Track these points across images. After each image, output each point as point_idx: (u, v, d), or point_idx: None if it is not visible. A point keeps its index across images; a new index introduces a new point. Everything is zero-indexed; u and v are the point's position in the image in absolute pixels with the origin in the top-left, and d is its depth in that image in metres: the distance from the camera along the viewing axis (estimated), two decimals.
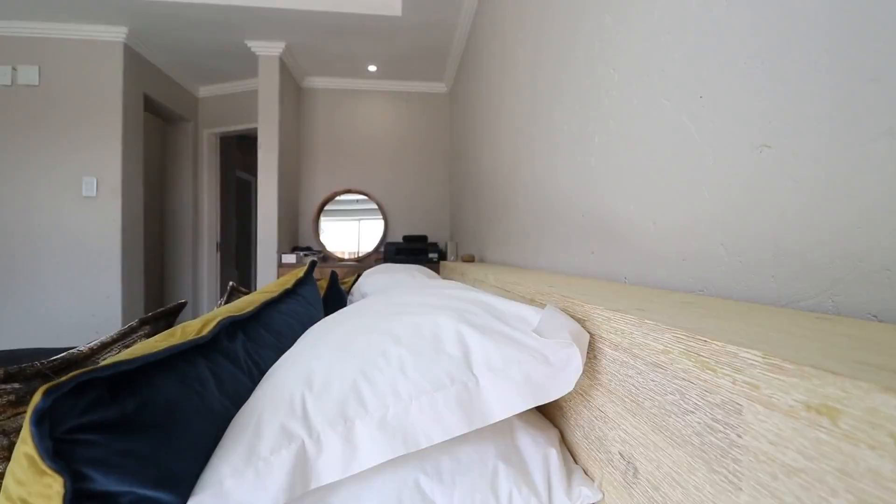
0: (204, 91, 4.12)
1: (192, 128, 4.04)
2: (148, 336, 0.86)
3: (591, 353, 0.49)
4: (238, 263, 5.25)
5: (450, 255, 3.48)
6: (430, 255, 3.55)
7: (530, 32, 1.54)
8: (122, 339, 0.79)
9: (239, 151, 5.12)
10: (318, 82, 3.90)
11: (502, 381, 0.46)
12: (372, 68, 3.71)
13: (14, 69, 2.92)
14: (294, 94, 3.70)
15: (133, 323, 0.84)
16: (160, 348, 0.46)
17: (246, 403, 0.47)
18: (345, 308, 0.77)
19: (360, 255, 3.96)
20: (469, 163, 2.95)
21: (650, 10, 0.79)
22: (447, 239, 3.98)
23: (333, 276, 1.29)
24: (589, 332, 0.50)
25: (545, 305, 0.57)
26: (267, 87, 3.26)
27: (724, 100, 0.61)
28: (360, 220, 4.02)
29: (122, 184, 2.99)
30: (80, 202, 2.95)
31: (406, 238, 3.77)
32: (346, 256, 3.96)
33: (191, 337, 0.53)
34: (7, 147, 2.91)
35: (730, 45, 0.60)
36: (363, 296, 1.42)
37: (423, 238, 3.78)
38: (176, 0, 2.72)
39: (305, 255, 3.55)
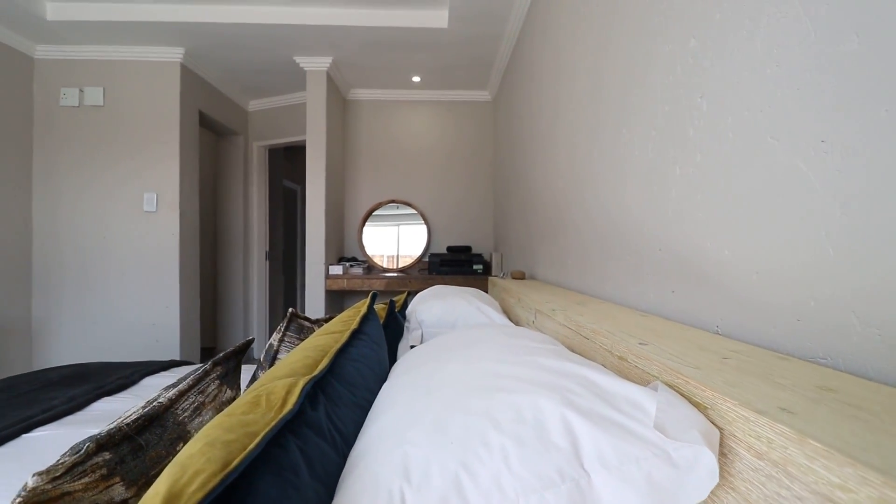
0: (253, 105, 4.24)
1: (242, 141, 4.17)
2: (221, 378, 0.86)
3: (721, 450, 0.44)
4: (284, 270, 5.38)
5: (494, 268, 3.44)
6: (475, 267, 3.51)
7: (591, 47, 1.48)
8: (198, 384, 0.79)
9: (286, 160, 5.26)
10: (363, 94, 3.94)
11: (619, 480, 0.41)
12: (416, 79, 3.71)
13: (81, 91, 3.10)
14: (339, 106, 3.75)
15: (206, 366, 0.85)
16: (256, 433, 0.44)
17: (341, 493, 0.45)
18: (421, 359, 0.74)
19: (405, 265, 3.97)
20: (516, 173, 2.89)
21: (750, 37, 0.72)
22: (491, 249, 3.93)
23: (391, 305, 1.27)
24: (717, 427, 0.44)
25: (653, 382, 0.52)
26: (314, 102, 3.32)
27: (858, 150, 0.53)
28: (402, 229, 4.02)
29: (180, 198, 3.11)
30: (141, 217, 3.09)
31: (450, 248, 3.75)
32: (390, 266, 3.98)
33: (277, 409, 0.51)
34: (76, 165, 3.09)
35: (863, 87, 0.53)
36: (420, 324, 1.40)
37: (467, 249, 3.75)
38: (229, 21, 2.81)
39: (351, 266, 3.59)
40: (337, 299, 3.70)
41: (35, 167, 3.06)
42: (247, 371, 1.86)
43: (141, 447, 0.58)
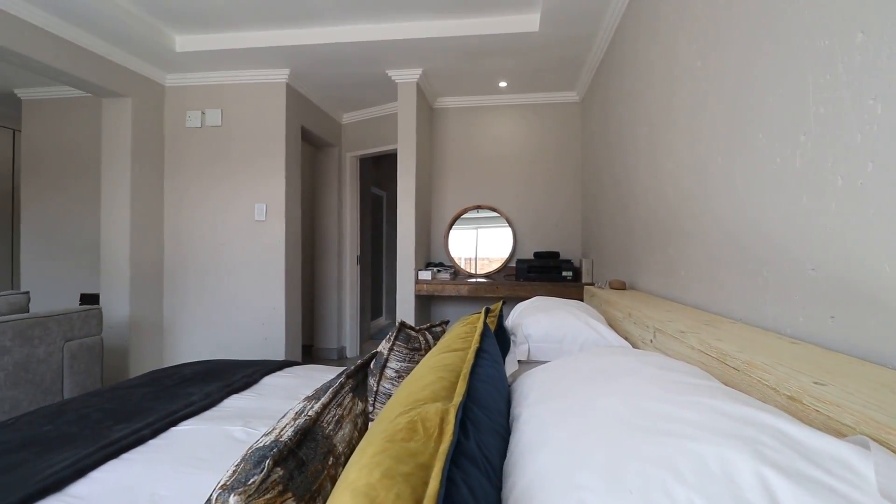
0: (346, 118, 4.48)
1: (336, 152, 4.42)
2: (353, 391, 0.90)
3: None
4: (371, 273, 5.61)
5: (584, 275, 3.32)
6: (564, 274, 3.41)
7: (711, 43, 1.37)
8: (336, 396, 0.84)
9: (373, 168, 5.49)
10: (449, 102, 4.00)
11: None
12: (502, 84, 3.70)
13: (203, 113, 3.46)
14: (427, 115, 3.83)
15: (340, 379, 0.89)
16: (427, 465, 0.45)
17: None
18: (558, 388, 0.72)
19: (490, 270, 3.96)
20: (612, 176, 2.76)
21: None
22: (579, 255, 3.80)
23: (500, 317, 1.26)
24: None
25: (852, 436, 0.46)
26: (405, 112, 3.42)
27: None
28: (488, 234, 4.02)
29: (286, 208, 3.37)
30: (252, 225, 3.38)
31: (537, 254, 3.68)
32: (476, 272, 3.99)
33: (436, 439, 0.52)
34: (197, 179, 3.45)
35: None
36: (527, 338, 1.38)
37: (555, 254, 3.65)
38: (329, 42, 2.98)
39: (439, 272, 3.65)
40: (424, 304, 3.78)
41: (165, 183, 3.47)
42: (329, 371, 1.96)
43: (303, 462, 0.62)
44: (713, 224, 1.35)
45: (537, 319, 1.40)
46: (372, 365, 1.55)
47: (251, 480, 0.53)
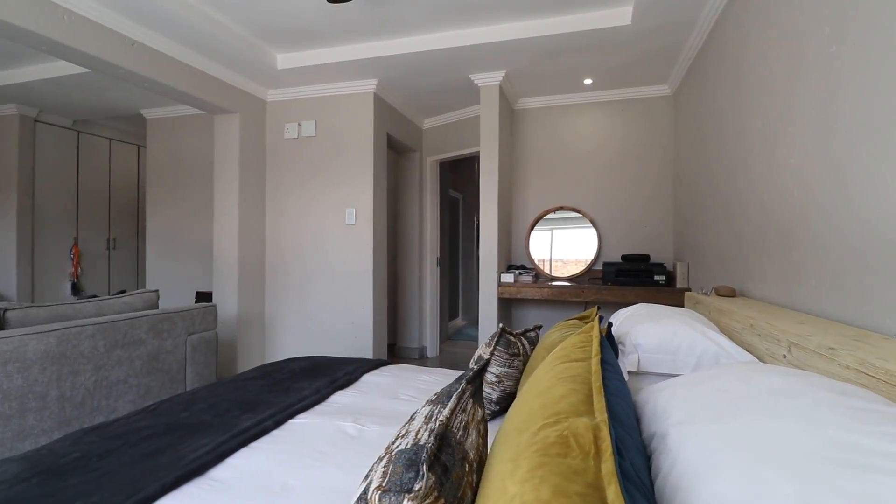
0: (427, 123, 4.57)
1: (417, 157, 4.53)
2: (473, 396, 0.92)
3: None
4: (448, 274, 5.69)
5: (679, 280, 3.12)
6: (656, 278, 3.23)
7: (850, 22, 1.22)
8: (459, 402, 0.86)
9: (451, 171, 5.56)
10: (531, 103, 3.95)
11: None
12: (587, 81, 3.58)
13: (299, 125, 3.70)
14: (508, 117, 3.81)
15: (462, 384, 0.91)
16: (599, 487, 0.44)
17: None
18: (708, 408, 0.68)
19: (573, 274, 3.85)
20: (714, 174, 2.57)
21: None
22: (671, 258, 3.58)
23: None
24: None
25: None
26: (488, 115, 3.43)
27: None
28: (570, 236, 3.91)
29: (374, 212, 3.51)
30: (343, 229, 3.56)
31: (625, 257, 3.52)
32: (558, 274, 3.90)
33: (594, 457, 0.51)
34: (294, 186, 3.70)
35: None
36: (636, 347, 1.32)
37: (645, 257, 3.47)
38: (415, 50, 3.06)
39: (521, 274, 3.62)
40: (504, 306, 3.76)
41: (267, 190, 3.76)
42: (423, 372, 1.99)
43: (447, 468, 0.64)
44: (856, 227, 1.21)
45: (646, 329, 1.34)
46: (473, 366, 1.57)
47: (417, 486, 0.55)
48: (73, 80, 3.54)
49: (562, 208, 3.91)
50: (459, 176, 6.28)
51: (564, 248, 3.95)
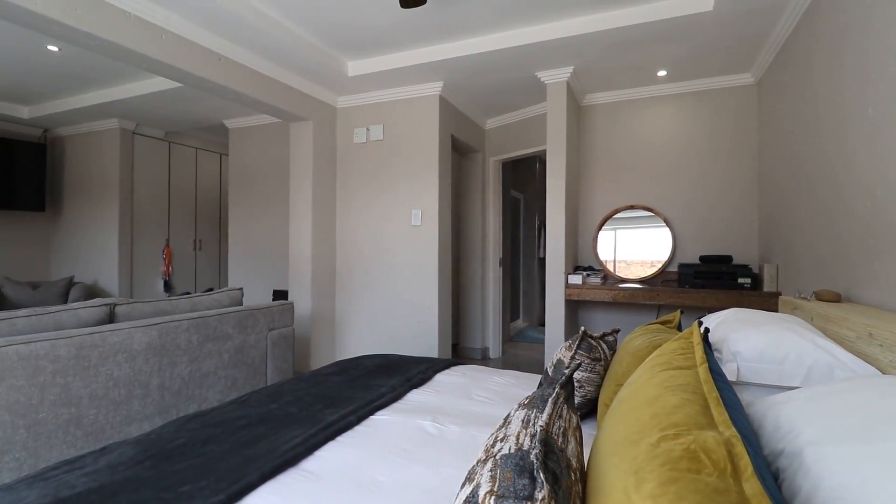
0: (490, 123, 4.55)
1: (480, 157, 4.52)
2: (566, 402, 0.89)
3: None
4: (510, 275, 5.63)
5: (768, 283, 2.88)
6: (741, 280, 3.01)
7: None
8: (555, 408, 0.84)
9: (512, 171, 5.50)
10: (599, 98, 3.82)
11: None
12: (661, 73, 3.41)
13: (367, 129, 3.81)
14: (575, 114, 3.71)
15: (556, 388, 0.89)
16: None
17: None
18: (847, 415, 0.61)
19: (644, 275, 3.68)
20: (803, 170, 2.35)
21: None
22: (756, 260, 3.33)
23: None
24: None
25: None
26: (555, 113, 3.35)
27: None
28: (639, 236, 3.74)
29: (439, 213, 3.55)
30: (410, 230, 3.63)
31: (704, 258, 3.31)
32: (628, 276, 3.74)
33: (732, 475, 0.48)
34: (362, 189, 3.82)
35: None
36: (734, 356, 1.23)
37: (727, 259, 3.25)
38: (481, 51, 3.05)
39: (588, 276, 3.51)
40: (571, 308, 3.66)
41: (337, 193, 3.91)
42: (494, 373, 1.97)
43: (556, 476, 0.62)
44: None
45: (746, 335, 1.24)
46: (550, 372, 1.54)
47: (540, 495, 0.54)
48: (165, 95, 3.86)
49: (632, 207, 3.75)
50: (520, 175, 6.20)
51: (629, 249, 3.78)
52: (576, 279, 3.40)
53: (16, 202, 4.59)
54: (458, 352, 4.63)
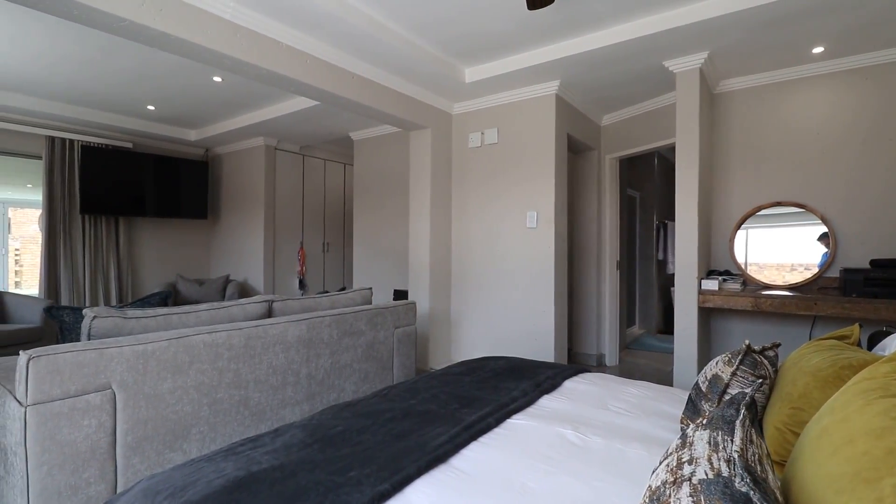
0: (606, 119, 4.35)
1: (595, 155, 4.34)
2: (753, 425, 0.82)
3: None
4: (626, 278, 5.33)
5: None
6: None
7: None
8: (745, 432, 0.77)
9: (628, 169, 5.19)
10: (736, 84, 3.45)
11: None
12: (817, 50, 2.97)
13: (482, 133, 3.87)
14: (707, 103, 3.39)
15: (743, 411, 0.82)
16: None
17: None
18: None
19: (795, 282, 3.24)
20: None
21: None
22: None
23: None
24: None
25: None
26: (686, 103, 3.10)
27: None
28: (787, 236, 3.30)
29: (555, 215, 3.48)
30: (524, 232, 3.61)
31: (875, 263, 2.82)
32: (774, 283, 3.32)
33: None
34: (477, 192, 3.88)
35: None
36: None
37: None
38: (602, 45, 2.92)
39: (725, 281, 3.19)
40: (704, 317, 3.35)
41: (453, 197, 4.03)
42: (625, 384, 1.84)
43: None
44: None
45: None
46: (704, 388, 1.42)
47: None
48: (302, 114, 4.30)
49: (779, 203, 3.32)
50: (638, 173, 5.84)
51: (764, 251, 3.36)
52: (711, 284, 3.10)
53: (182, 211, 5.45)
54: (572, 357, 4.49)
